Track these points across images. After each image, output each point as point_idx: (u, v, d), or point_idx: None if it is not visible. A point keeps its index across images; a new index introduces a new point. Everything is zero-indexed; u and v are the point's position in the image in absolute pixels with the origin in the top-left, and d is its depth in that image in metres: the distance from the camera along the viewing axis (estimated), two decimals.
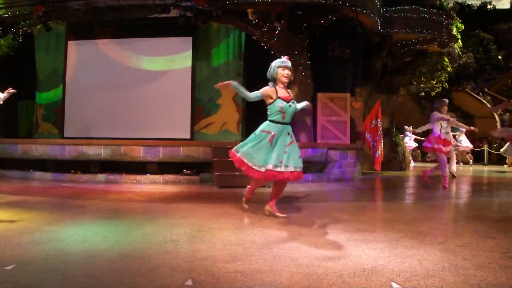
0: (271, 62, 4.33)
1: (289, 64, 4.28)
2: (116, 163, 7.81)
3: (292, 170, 4.06)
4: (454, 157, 7.90)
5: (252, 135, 4.29)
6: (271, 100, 4.20)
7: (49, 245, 3.03)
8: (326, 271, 2.43)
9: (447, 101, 7.64)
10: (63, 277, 2.35)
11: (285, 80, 4.23)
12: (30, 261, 2.57)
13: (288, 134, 4.20)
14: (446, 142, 7.45)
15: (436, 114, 7.34)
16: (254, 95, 4.29)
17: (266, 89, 4.23)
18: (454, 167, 9.42)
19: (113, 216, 4.18)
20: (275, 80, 4.27)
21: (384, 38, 10.64)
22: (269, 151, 4.10)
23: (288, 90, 4.36)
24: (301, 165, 4.18)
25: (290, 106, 4.22)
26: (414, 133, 14.37)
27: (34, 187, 6.35)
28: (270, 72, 4.29)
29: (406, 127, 14.95)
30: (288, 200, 5.61)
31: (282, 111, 4.16)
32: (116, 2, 9.20)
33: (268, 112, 4.29)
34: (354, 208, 5.00)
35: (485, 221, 4.15)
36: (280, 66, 4.21)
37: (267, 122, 4.26)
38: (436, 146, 7.30)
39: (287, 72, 4.22)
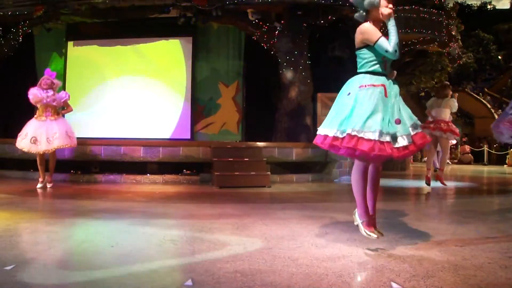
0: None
1: None
2: (116, 163, 7.81)
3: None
4: (446, 150, 7.40)
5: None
6: (374, 40, 2.84)
7: (49, 245, 3.03)
8: (326, 271, 2.43)
9: (446, 83, 7.32)
10: (63, 277, 2.35)
11: (388, 13, 2.89)
12: (30, 261, 2.57)
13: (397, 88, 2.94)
14: (437, 124, 6.98)
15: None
16: (386, 43, 2.81)
17: (373, 28, 2.90)
18: (436, 162, 8.98)
19: (113, 216, 4.18)
20: (367, 15, 3.00)
21: None
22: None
23: None
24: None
25: None
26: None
27: (34, 187, 6.35)
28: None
29: None
30: (289, 200, 5.62)
31: (385, 58, 2.91)
32: (116, 2, 9.20)
33: (362, 62, 2.98)
34: (354, 208, 4.98)
35: (485, 221, 4.15)
36: None
37: (360, 75, 2.96)
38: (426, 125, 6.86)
39: (391, 5, 2.91)
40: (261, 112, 10.31)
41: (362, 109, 2.78)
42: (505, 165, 16.05)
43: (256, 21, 9.44)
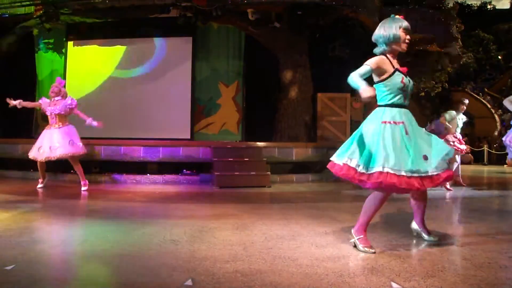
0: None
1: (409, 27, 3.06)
2: (116, 163, 7.81)
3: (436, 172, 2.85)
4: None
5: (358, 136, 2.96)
6: (387, 74, 2.93)
7: (49, 245, 3.03)
8: (326, 271, 2.43)
9: (465, 101, 7.33)
10: (63, 277, 2.35)
11: (405, 47, 3.01)
12: (30, 261, 2.57)
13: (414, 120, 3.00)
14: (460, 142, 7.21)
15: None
16: (362, 72, 2.85)
17: (376, 60, 2.94)
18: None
19: (113, 216, 4.18)
20: (388, 45, 3.00)
21: None
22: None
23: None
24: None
25: (409, 81, 3.02)
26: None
27: (34, 187, 6.35)
28: (385, 34, 2.98)
29: None
30: (289, 200, 5.62)
31: (404, 88, 2.94)
32: (116, 2, 9.21)
33: (380, 94, 2.98)
34: (354, 208, 4.99)
35: (485, 221, 4.15)
36: (403, 28, 2.97)
37: (381, 108, 2.96)
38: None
39: (409, 37, 3.01)
40: (261, 112, 10.31)
41: (389, 146, 2.79)
42: (505, 165, 16.04)
43: (256, 21, 9.45)
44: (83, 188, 6.20)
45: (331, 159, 3.08)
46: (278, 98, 9.91)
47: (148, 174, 7.74)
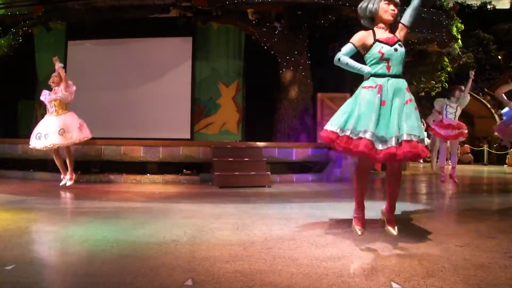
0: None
1: None
2: (116, 163, 7.81)
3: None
4: (454, 150, 7.60)
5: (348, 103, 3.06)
6: (368, 46, 3.02)
7: (49, 245, 3.03)
8: (326, 271, 2.43)
9: (462, 87, 7.41)
10: (63, 277, 2.35)
11: (389, 18, 3.02)
12: (30, 261, 2.57)
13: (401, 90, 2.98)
14: (449, 127, 7.22)
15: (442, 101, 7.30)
16: (345, 51, 3.04)
17: (358, 36, 3.05)
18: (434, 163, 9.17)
19: (113, 216, 4.18)
20: (372, 20, 3.09)
21: None
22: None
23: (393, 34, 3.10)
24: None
25: (396, 50, 2.99)
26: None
27: (34, 187, 6.35)
28: (366, 8, 3.06)
29: None
30: (289, 200, 5.62)
31: (384, 58, 2.96)
32: (116, 2, 9.21)
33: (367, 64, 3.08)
34: (353, 208, 4.99)
35: (485, 221, 4.15)
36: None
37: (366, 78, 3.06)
38: (437, 131, 7.19)
39: (392, 7, 3.01)
40: (261, 112, 10.30)
41: (360, 110, 2.92)
42: (505, 165, 16.04)
43: (256, 21, 9.45)
44: (68, 183, 6.15)
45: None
46: (278, 98, 9.91)
47: (148, 174, 7.75)
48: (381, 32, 3.05)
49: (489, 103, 19.91)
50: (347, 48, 3.03)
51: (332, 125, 3.01)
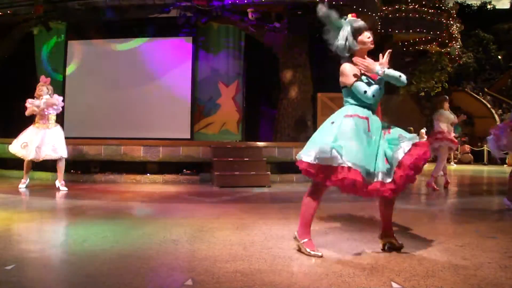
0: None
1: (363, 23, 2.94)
2: (116, 163, 7.80)
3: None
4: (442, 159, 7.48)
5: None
6: (350, 83, 2.82)
7: (49, 245, 3.03)
8: (326, 271, 2.43)
9: (446, 97, 7.44)
10: (63, 277, 2.35)
11: (370, 47, 2.89)
12: (30, 261, 2.57)
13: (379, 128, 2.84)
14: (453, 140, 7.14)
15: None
16: (364, 86, 2.80)
17: (349, 70, 2.84)
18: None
19: (113, 216, 4.18)
20: (352, 55, 2.87)
21: (384, 38, 10.64)
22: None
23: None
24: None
25: (380, 89, 2.83)
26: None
27: (34, 187, 6.35)
28: (344, 47, 2.86)
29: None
30: (289, 200, 5.61)
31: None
32: (116, 2, 9.21)
33: (347, 96, 2.90)
34: (354, 208, 4.99)
35: (485, 221, 4.15)
36: (357, 30, 2.88)
37: (346, 106, 2.88)
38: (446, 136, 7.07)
39: (367, 35, 2.87)
40: (261, 112, 10.31)
41: (345, 138, 2.65)
42: (505, 165, 16.05)
43: (256, 21, 9.45)
44: (63, 188, 6.16)
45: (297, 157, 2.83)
46: (278, 98, 9.91)
47: (148, 174, 7.74)
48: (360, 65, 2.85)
49: (489, 103, 19.92)
50: (361, 84, 2.78)
51: (310, 155, 2.68)
